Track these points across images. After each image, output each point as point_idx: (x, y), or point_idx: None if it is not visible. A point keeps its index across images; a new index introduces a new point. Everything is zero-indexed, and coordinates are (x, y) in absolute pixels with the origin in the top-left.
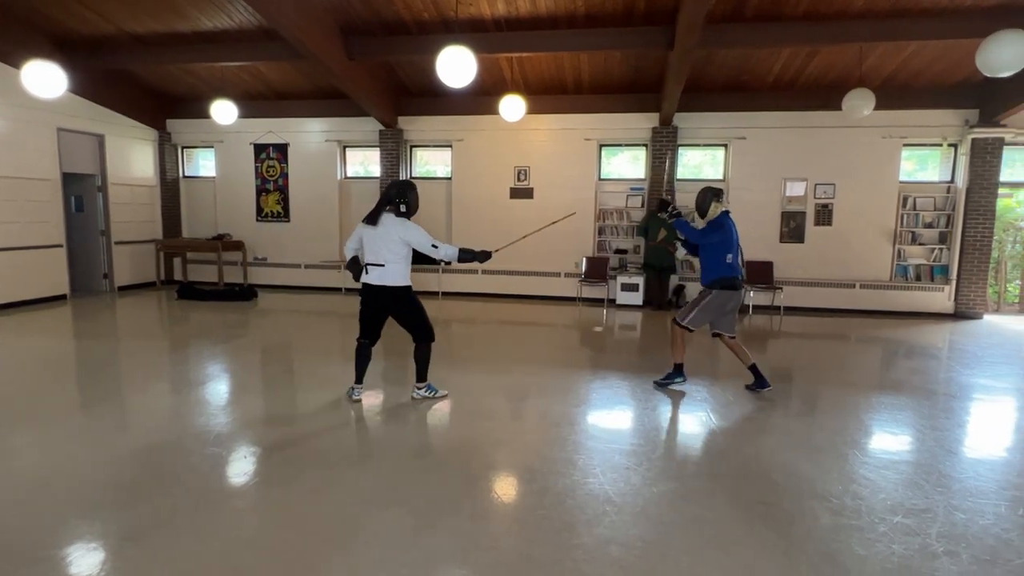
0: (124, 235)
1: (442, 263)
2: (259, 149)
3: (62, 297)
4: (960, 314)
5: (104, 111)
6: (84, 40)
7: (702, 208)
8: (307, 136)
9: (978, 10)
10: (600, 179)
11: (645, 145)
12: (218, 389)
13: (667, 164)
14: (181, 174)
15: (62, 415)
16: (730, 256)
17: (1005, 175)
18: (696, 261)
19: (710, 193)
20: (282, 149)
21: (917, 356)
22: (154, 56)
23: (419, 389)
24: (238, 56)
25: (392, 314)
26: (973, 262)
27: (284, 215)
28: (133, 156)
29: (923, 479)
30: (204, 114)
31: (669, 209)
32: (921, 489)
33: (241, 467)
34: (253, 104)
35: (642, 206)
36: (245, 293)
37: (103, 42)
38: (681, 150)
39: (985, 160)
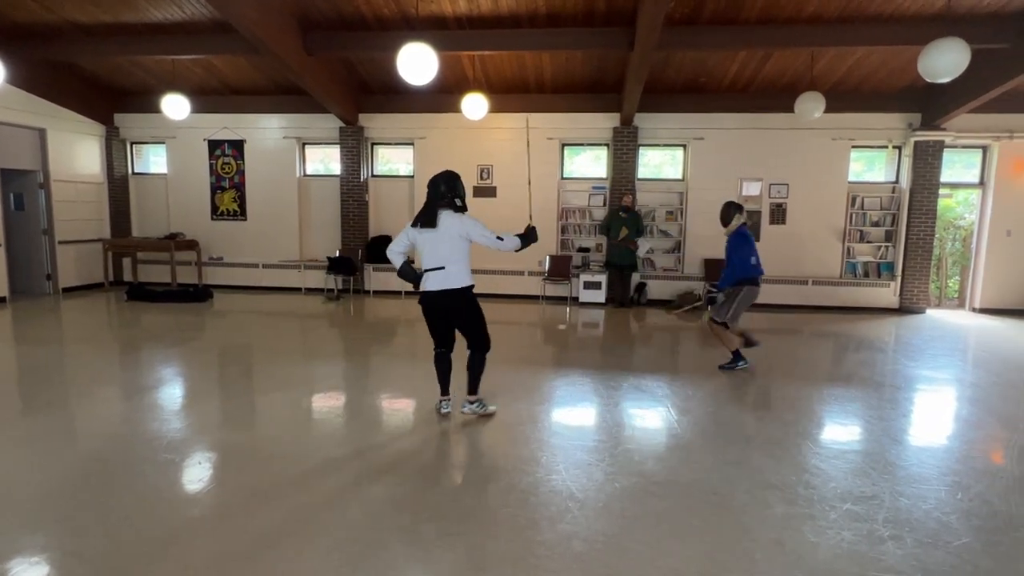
0: (69, 234)
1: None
2: (214, 145)
3: (1, 300)
4: (905, 309)
5: (46, 104)
6: (24, 29)
7: (725, 220)
8: (264, 132)
9: (920, 18)
10: (563, 178)
11: (607, 145)
12: (171, 393)
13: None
14: (130, 171)
15: (3, 423)
16: (754, 258)
17: (945, 176)
18: (655, 259)
19: (733, 207)
20: (238, 146)
21: (865, 350)
22: (100, 48)
23: (470, 403)
24: (190, 49)
25: (451, 317)
26: (916, 259)
27: (241, 213)
28: (78, 152)
29: (871, 467)
30: (155, 109)
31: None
32: (869, 477)
33: (196, 473)
34: (207, 99)
35: (604, 205)
36: (200, 294)
37: (45, 32)
38: (642, 150)
39: (927, 162)
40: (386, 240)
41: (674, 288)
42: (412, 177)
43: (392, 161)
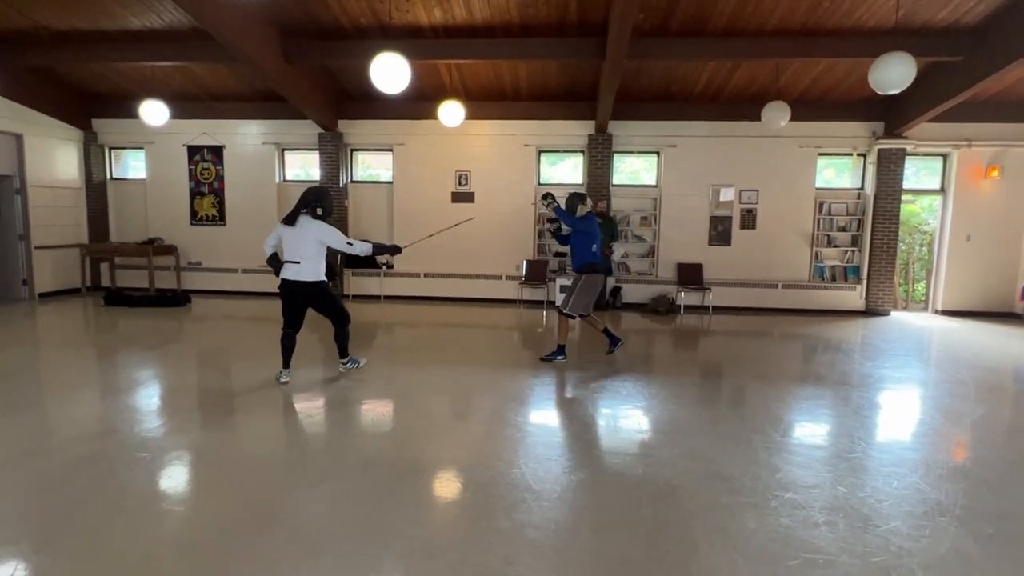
0: (46, 239)
1: (384, 267)
2: (193, 151)
3: None
4: (870, 311)
5: (23, 110)
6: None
7: (571, 207)
8: (244, 138)
9: (878, 32)
10: (539, 184)
11: (582, 151)
12: (147, 395)
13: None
14: (109, 176)
15: None
16: (595, 246)
17: (909, 183)
18: (630, 263)
19: (576, 197)
20: (217, 151)
21: (828, 350)
22: (78, 54)
23: (344, 364)
24: (169, 56)
25: (311, 305)
26: (881, 263)
27: (220, 218)
28: (56, 157)
29: (816, 460)
30: (133, 114)
31: (549, 200)
32: (813, 469)
33: (167, 471)
34: (186, 105)
35: None
36: (178, 299)
37: (21, 38)
38: (617, 156)
39: (890, 169)
40: None
41: (648, 292)
42: (391, 183)
43: (372, 167)
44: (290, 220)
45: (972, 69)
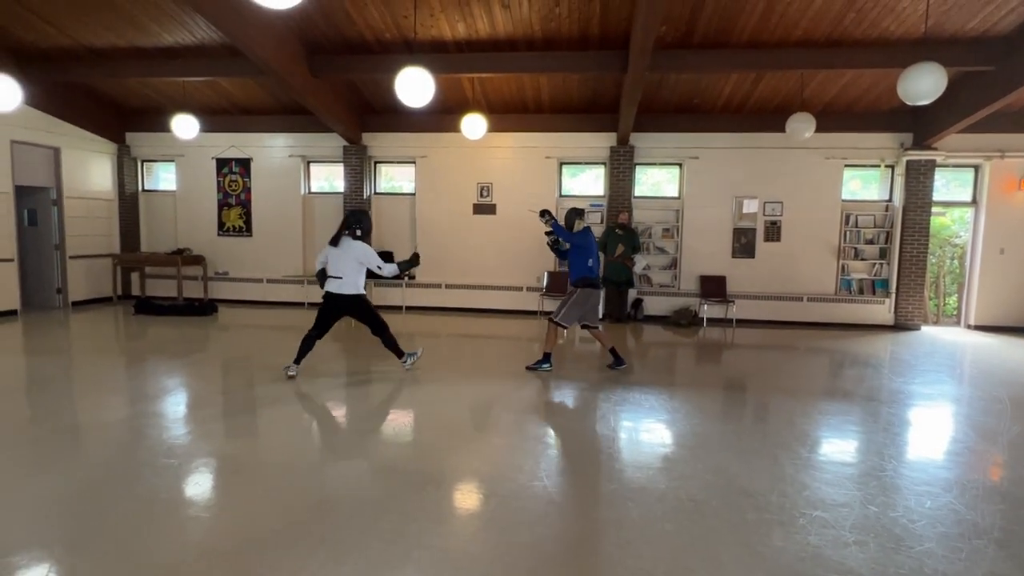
0: (80, 249)
1: (406, 277)
2: (221, 163)
3: (12, 313)
4: (899, 326)
5: (60, 124)
6: (40, 53)
7: (569, 223)
8: (270, 151)
9: (906, 42)
10: (561, 196)
11: (604, 163)
12: (174, 402)
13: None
14: (140, 188)
15: (9, 429)
16: (591, 261)
17: (939, 194)
18: (652, 275)
19: (574, 212)
20: (245, 164)
21: (856, 365)
22: (113, 70)
23: (404, 364)
24: (200, 71)
25: (350, 315)
26: (910, 276)
27: (246, 230)
28: (90, 169)
29: (845, 478)
30: (165, 128)
31: (547, 217)
32: (842, 487)
33: (194, 478)
34: (215, 118)
35: (601, 222)
36: (205, 308)
37: (60, 55)
38: (639, 168)
39: (919, 180)
40: (388, 256)
41: (671, 304)
42: (414, 195)
43: (395, 179)
44: (334, 241)
45: (1004, 79)
